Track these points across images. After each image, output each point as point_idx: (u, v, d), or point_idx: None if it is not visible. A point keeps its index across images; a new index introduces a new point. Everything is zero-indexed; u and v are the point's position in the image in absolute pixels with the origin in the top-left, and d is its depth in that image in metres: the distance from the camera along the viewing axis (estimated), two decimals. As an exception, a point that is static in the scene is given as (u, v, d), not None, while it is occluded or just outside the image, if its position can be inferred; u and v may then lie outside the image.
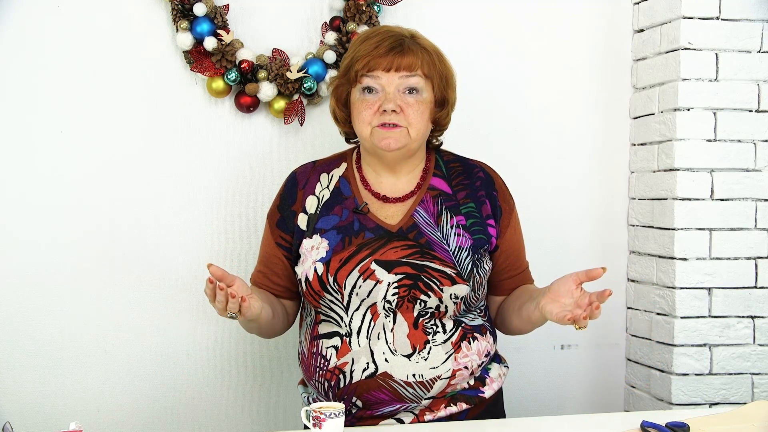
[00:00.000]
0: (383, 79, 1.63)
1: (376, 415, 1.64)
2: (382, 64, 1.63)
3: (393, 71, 1.63)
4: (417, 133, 1.65)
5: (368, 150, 1.71)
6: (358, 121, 1.66)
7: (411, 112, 1.64)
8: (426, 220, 1.67)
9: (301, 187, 1.74)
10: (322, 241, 1.66)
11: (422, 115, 1.65)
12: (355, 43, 1.70)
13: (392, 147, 1.63)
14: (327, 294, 1.63)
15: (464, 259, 1.64)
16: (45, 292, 2.14)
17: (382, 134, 1.63)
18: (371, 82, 1.64)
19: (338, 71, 1.74)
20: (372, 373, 1.61)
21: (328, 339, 1.65)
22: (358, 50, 1.66)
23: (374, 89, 1.64)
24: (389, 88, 1.63)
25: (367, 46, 1.65)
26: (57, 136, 2.14)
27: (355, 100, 1.67)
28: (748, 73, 2.21)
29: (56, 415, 2.13)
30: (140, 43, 2.17)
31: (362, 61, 1.64)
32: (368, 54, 1.63)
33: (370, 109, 1.64)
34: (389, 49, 1.63)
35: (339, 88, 1.71)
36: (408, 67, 1.63)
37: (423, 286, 1.61)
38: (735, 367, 2.22)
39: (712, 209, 2.21)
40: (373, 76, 1.64)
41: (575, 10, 2.42)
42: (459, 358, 1.64)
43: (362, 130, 1.66)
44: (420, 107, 1.65)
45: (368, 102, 1.64)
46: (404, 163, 1.71)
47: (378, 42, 1.65)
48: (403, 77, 1.63)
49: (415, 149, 1.70)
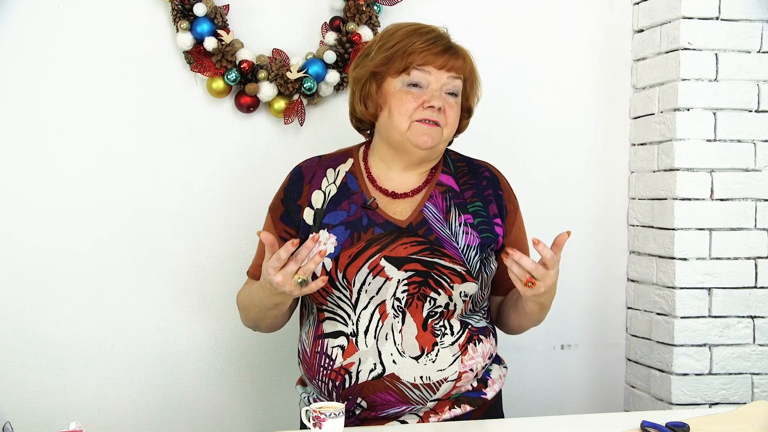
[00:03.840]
0: (433, 75, 1.64)
1: (381, 417, 1.63)
2: (437, 62, 1.63)
3: (445, 70, 1.64)
4: (448, 135, 1.67)
5: (393, 143, 1.68)
6: (398, 112, 1.64)
7: (451, 114, 1.65)
8: (435, 215, 1.67)
9: (307, 182, 1.72)
10: (330, 237, 1.65)
11: (457, 118, 1.68)
12: (398, 34, 1.67)
13: (428, 144, 1.63)
14: (335, 290, 1.63)
15: (473, 257, 1.64)
16: (45, 292, 2.14)
17: (422, 129, 1.63)
18: (421, 77, 1.64)
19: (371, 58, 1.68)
20: (379, 374, 1.60)
21: (333, 338, 1.64)
22: (409, 42, 1.64)
23: (420, 84, 1.64)
24: (435, 86, 1.64)
25: (421, 41, 1.64)
26: (57, 136, 2.14)
27: (395, 90, 1.65)
28: (747, 73, 2.21)
29: (56, 415, 2.13)
30: (140, 43, 2.17)
31: (419, 54, 1.63)
32: (426, 49, 1.63)
33: (414, 102, 1.63)
34: (446, 49, 1.65)
35: (377, 75, 1.68)
36: (459, 69, 1.66)
37: (433, 283, 1.61)
38: (735, 367, 2.22)
39: (712, 209, 2.21)
40: (425, 70, 1.63)
41: (575, 10, 2.42)
42: (465, 360, 1.64)
43: (400, 122, 1.64)
44: (457, 110, 1.68)
45: (413, 95, 1.63)
46: (424, 162, 1.71)
47: (434, 39, 1.65)
48: (450, 77, 1.65)
49: (441, 151, 1.72)
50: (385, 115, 1.67)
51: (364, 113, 1.72)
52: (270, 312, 1.66)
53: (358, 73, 1.71)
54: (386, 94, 1.66)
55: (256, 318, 1.72)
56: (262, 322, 1.74)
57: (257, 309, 1.67)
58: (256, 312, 1.69)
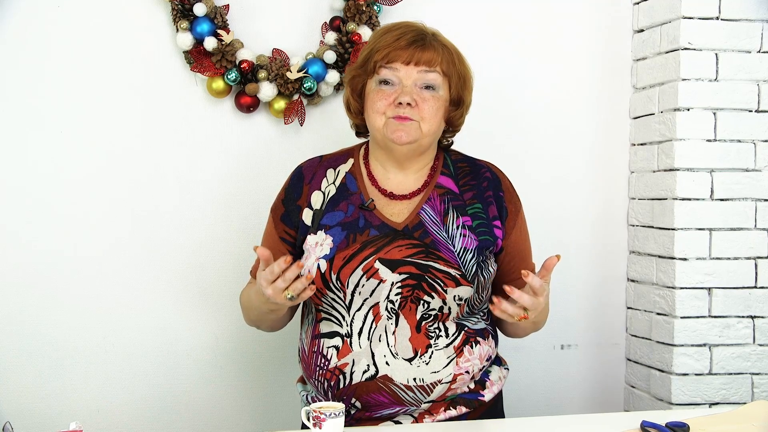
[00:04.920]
0: (402, 71, 1.63)
1: (375, 417, 1.63)
2: (402, 57, 1.62)
3: (412, 65, 1.63)
4: (429, 129, 1.64)
5: (379, 143, 1.70)
6: (371, 111, 1.65)
7: (426, 108, 1.63)
8: (432, 218, 1.66)
9: (307, 182, 1.73)
10: (326, 238, 1.64)
11: (436, 112, 1.65)
12: (375, 35, 1.70)
13: (404, 140, 1.63)
14: (329, 292, 1.63)
15: (469, 260, 1.64)
16: (45, 292, 2.14)
17: (395, 126, 1.62)
18: (389, 74, 1.63)
19: (356, 62, 1.72)
20: (372, 375, 1.60)
21: (329, 339, 1.64)
22: (378, 41, 1.65)
23: (391, 81, 1.64)
24: (407, 82, 1.63)
25: (388, 38, 1.64)
26: (57, 136, 2.14)
27: (371, 90, 1.66)
28: (747, 73, 2.21)
29: (56, 415, 2.13)
30: (140, 43, 2.17)
31: (382, 52, 1.63)
32: (389, 46, 1.63)
33: (385, 100, 1.63)
34: (410, 43, 1.63)
35: (356, 78, 1.70)
36: (427, 62, 1.63)
37: (427, 287, 1.61)
38: (735, 367, 2.22)
39: (712, 209, 2.21)
40: (391, 68, 1.63)
41: (575, 10, 2.42)
42: (461, 362, 1.63)
43: (375, 120, 1.65)
44: (435, 104, 1.64)
45: (384, 93, 1.63)
46: (414, 159, 1.70)
47: (399, 35, 1.64)
48: (421, 72, 1.63)
49: (426, 146, 1.69)
50: (366, 116, 1.69)
51: (350, 117, 1.77)
52: (267, 316, 1.70)
53: (345, 78, 1.76)
54: (365, 96, 1.68)
55: (256, 319, 1.76)
56: (262, 324, 1.77)
57: (255, 312, 1.71)
58: (255, 314, 1.73)
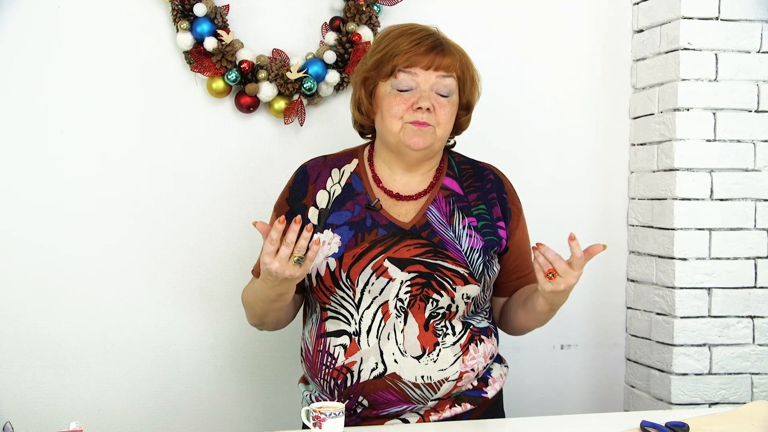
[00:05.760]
0: (420, 76, 1.63)
1: (382, 415, 1.64)
2: (422, 62, 1.62)
3: (432, 70, 1.63)
4: (443, 134, 1.66)
5: (389, 146, 1.69)
6: (388, 115, 1.64)
7: (442, 113, 1.64)
8: (438, 219, 1.67)
9: (312, 181, 1.73)
10: (334, 237, 1.65)
11: (451, 117, 1.66)
12: (388, 38, 1.68)
13: (420, 146, 1.63)
14: (338, 290, 1.63)
15: (476, 259, 1.65)
16: (45, 292, 2.14)
17: (413, 131, 1.62)
18: (408, 79, 1.63)
19: (366, 63, 1.70)
20: (381, 373, 1.60)
21: (336, 337, 1.64)
22: (395, 45, 1.64)
23: (408, 87, 1.63)
24: (424, 86, 1.63)
25: (404, 42, 1.64)
26: (57, 136, 2.14)
27: (386, 93, 1.65)
28: (747, 74, 2.21)
29: (56, 415, 2.13)
30: (140, 43, 2.17)
31: (402, 56, 1.62)
32: (409, 50, 1.63)
33: (403, 105, 1.63)
34: (431, 48, 1.63)
35: (368, 80, 1.69)
36: (447, 67, 1.64)
37: (436, 285, 1.62)
38: (734, 367, 2.23)
39: (712, 209, 2.21)
40: (411, 72, 1.63)
41: (575, 10, 2.42)
42: (467, 360, 1.64)
43: (392, 125, 1.64)
44: (450, 109, 1.66)
45: (402, 97, 1.63)
46: (423, 162, 1.71)
47: (418, 39, 1.64)
48: (439, 77, 1.64)
49: (438, 150, 1.71)
50: (379, 119, 1.68)
51: (359, 118, 1.74)
52: (274, 305, 1.64)
53: (353, 79, 1.75)
54: (379, 98, 1.68)
55: (261, 313, 1.71)
56: (266, 318, 1.72)
57: (261, 303, 1.66)
58: (261, 307, 1.67)
